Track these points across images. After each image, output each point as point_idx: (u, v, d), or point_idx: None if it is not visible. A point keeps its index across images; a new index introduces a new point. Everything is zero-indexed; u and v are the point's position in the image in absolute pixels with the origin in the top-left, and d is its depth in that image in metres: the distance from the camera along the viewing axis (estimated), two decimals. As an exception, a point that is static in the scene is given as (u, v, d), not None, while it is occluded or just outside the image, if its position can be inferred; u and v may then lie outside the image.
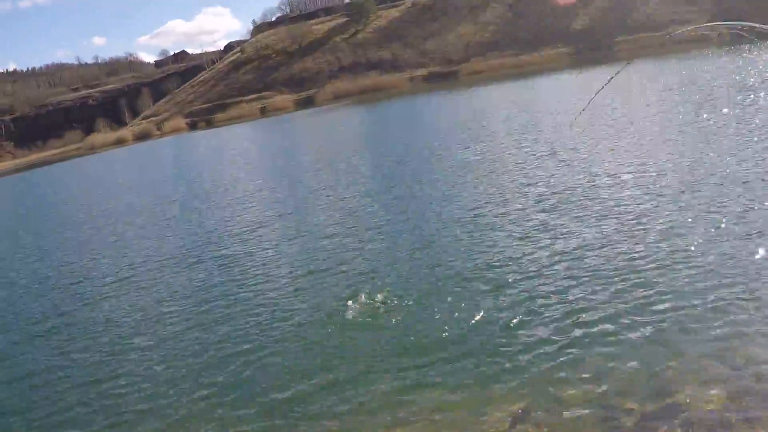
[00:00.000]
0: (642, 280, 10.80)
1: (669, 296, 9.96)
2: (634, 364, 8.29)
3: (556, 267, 12.18)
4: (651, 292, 10.25)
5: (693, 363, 8.00)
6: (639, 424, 7.12)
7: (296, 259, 16.21)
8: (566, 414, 7.56)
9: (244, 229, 21.11)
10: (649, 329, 9.07)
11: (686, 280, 10.42)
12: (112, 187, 48.35)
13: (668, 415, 7.12)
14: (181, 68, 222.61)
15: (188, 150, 76.30)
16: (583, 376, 8.27)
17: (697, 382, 7.60)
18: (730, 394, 7.24)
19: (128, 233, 25.25)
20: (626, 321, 9.45)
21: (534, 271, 12.17)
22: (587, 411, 7.55)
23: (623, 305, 9.99)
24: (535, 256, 12.95)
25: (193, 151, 72.17)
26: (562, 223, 14.75)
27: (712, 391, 7.34)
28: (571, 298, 10.70)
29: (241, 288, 14.67)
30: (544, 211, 16.05)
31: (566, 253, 12.78)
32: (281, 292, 13.80)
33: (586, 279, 11.32)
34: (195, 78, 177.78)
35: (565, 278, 11.57)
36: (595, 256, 12.29)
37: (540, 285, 11.49)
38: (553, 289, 11.23)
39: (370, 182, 25.84)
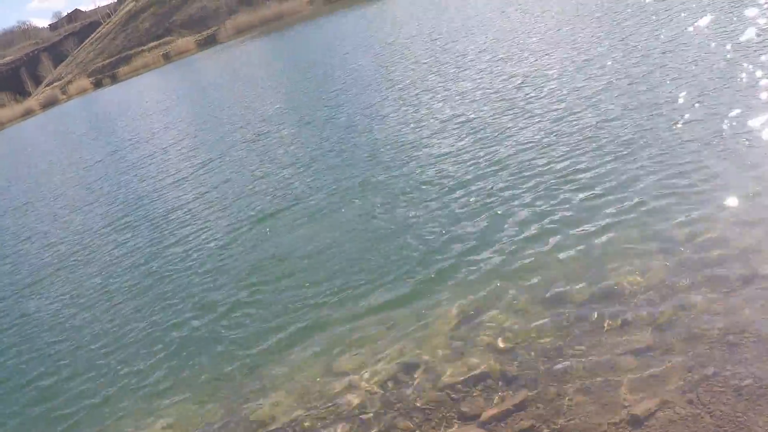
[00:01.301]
0: (570, 166, 10.98)
1: (597, 179, 10.16)
2: (571, 252, 8.39)
3: (483, 164, 12.30)
4: (579, 177, 10.45)
5: (630, 243, 8.11)
6: (581, 307, 7.25)
7: (229, 200, 15.92)
8: (506, 310, 7.70)
9: (170, 182, 20.46)
10: (583, 215, 9.21)
11: (611, 165, 10.61)
12: (20, 164, 46.73)
13: (609, 295, 7.26)
14: (77, 27, 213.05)
15: (96, 109, 73.72)
16: (524, 269, 8.38)
17: (635, 258, 7.73)
18: (669, 267, 7.37)
19: (50, 210, 24.20)
20: (559, 213, 9.54)
21: (465, 170, 12.34)
22: (532, 301, 7.68)
23: (553, 198, 10.10)
24: (464, 156, 13.06)
25: (102, 109, 69.80)
26: (484, 119, 14.84)
27: (653, 268, 7.45)
28: (500, 195, 10.81)
29: (175, 243, 14.37)
30: (466, 110, 16.11)
31: (492, 149, 12.89)
32: (221, 233, 13.64)
33: (514, 176, 11.42)
34: (93, 35, 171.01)
35: (490, 175, 11.73)
36: (521, 153, 12.40)
37: (472, 183, 11.67)
38: (482, 187, 11.38)
39: (291, 110, 25.32)
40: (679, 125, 10.89)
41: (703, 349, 5.98)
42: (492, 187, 11.25)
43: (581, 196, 9.80)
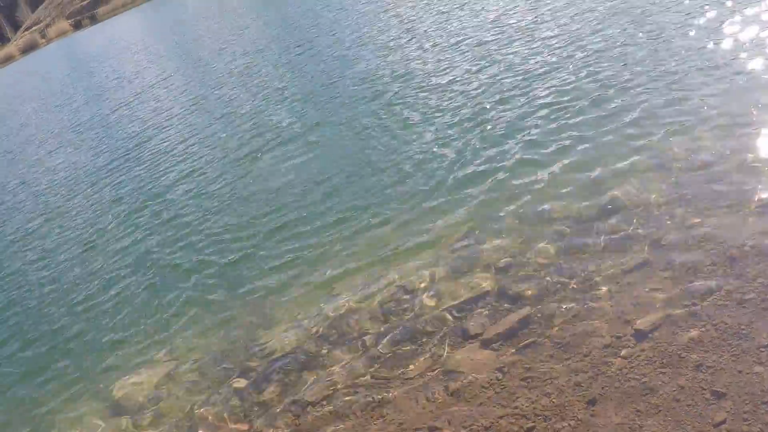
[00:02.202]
0: (556, 80, 10.97)
1: (591, 98, 10.03)
2: (567, 170, 8.35)
3: (476, 85, 12.29)
4: (574, 97, 10.30)
5: (626, 161, 8.04)
6: (579, 224, 7.23)
7: (221, 136, 15.85)
8: (505, 229, 7.72)
9: (159, 121, 20.14)
10: (578, 133, 9.13)
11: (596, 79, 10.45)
12: (2, 111, 45.96)
13: (608, 213, 7.20)
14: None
15: (78, 51, 72.18)
16: (521, 188, 8.39)
17: (633, 177, 7.65)
18: (667, 184, 7.31)
19: (38, 157, 23.60)
20: (554, 133, 9.45)
21: (458, 91, 12.40)
22: (530, 219, 7.68)
23: (549, 118, 9.99)
24: (458, 78, 13.01)
25: (83, 50, 68.29)
26: (481, 42, 14.65)
27: (651, 186, 7.39)
28: (492, 115, 10.79)
29: (169, 181, 14.31)
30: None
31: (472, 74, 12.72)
32: (214, 169, 13.67)
33: (507, 97, 11.31)
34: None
35: (483, 96, 11.68)
36: (516, 75, 12.20)
37: (464, 104, 11.68)
38: (474, 108, 11.37)
39: (279, 41, 25.04)
40: (679, 48, 10.68)
41: (703, 264, 5.94)
42: (484, 109, 11.17)
43: (576, 115, 9.72)
